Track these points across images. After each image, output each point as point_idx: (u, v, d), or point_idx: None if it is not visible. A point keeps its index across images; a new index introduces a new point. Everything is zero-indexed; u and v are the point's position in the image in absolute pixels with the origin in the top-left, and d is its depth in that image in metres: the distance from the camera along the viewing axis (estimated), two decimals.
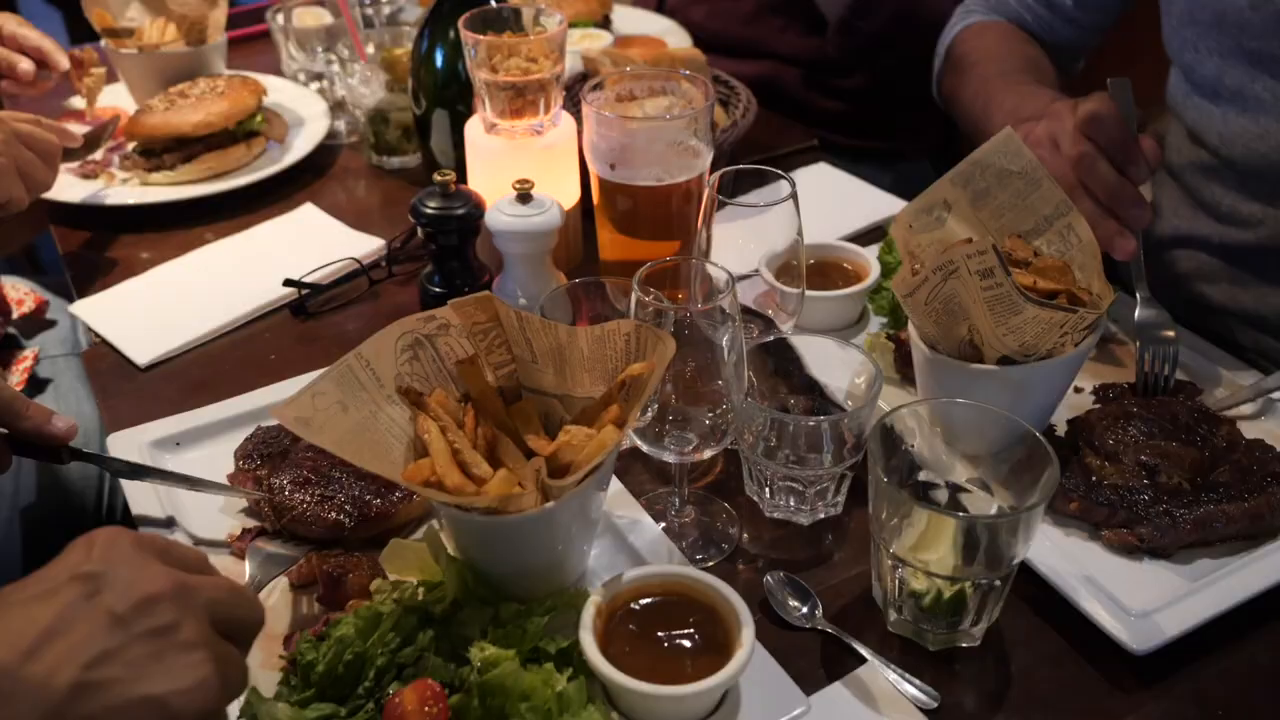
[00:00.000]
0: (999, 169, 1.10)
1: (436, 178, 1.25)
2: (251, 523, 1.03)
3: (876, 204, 1.54)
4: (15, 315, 1.56)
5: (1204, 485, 1.01)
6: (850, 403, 1.06)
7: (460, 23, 1.27)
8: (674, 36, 1.97)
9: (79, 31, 3.30)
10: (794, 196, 1.07)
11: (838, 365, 1.07)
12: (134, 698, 0.63)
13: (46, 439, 0.97)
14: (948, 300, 1.01)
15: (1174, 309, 1.20)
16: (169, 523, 1.02)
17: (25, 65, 1.50)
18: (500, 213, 1.24)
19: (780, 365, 1.09)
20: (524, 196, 1.24)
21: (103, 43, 1.68)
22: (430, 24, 1.44)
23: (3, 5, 3.85)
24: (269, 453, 1.05)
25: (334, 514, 0.99)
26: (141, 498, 1.04)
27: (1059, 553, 0.97)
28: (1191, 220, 1.42)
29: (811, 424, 1.00)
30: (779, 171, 1.09)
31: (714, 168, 1.56)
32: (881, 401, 1.13)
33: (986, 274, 0.95)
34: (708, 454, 0.97)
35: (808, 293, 1.21)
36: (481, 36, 1.26)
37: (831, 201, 1.56)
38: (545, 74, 1.28)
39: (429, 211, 1.25)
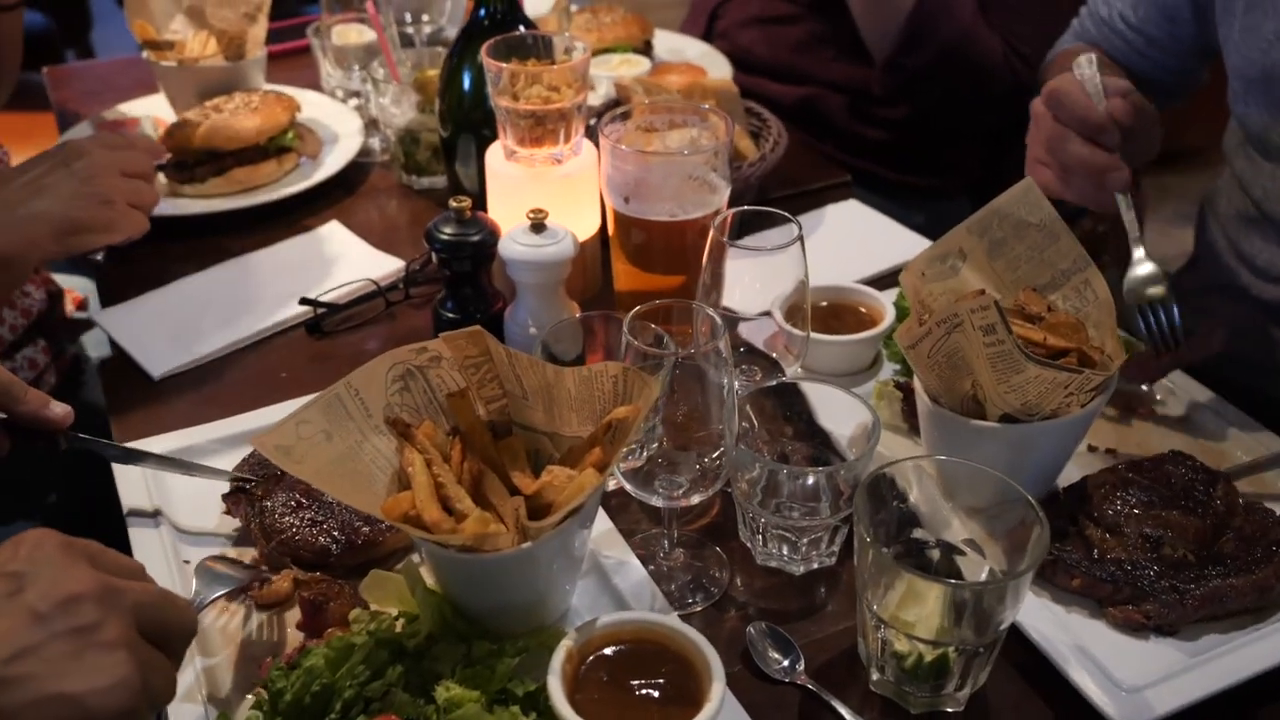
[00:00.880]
0: (1017, 219, 1.08)
1: (452, 204, 1.25)
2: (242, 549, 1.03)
3: (904, 245, 1.51)
4: (71, 312, 1.59)
5: (1209, 557, 0.97)
6: (853, 451, 1.04)
7: (484, 49, 1.27)
8: (713, 63, 1.96)
9: None
10: (800, 240, 1.05)
11: (841, 412, 1.05)
12: (50, 694, 0.64)
13: (44, 423, 0.97)
14: (951, 354, 0.99)
15: (1210, 359, 1.18)
16: (155, 514, 1.05)
17: None
18: (513, 241, 1.23)
19: (782, 410, 1.07)
20: (538, 226, 1.24)
21: (143, 54, 1.71)
22: (460, 47, 1.44)
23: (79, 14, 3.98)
24: (265, 474, 1.06)
25: (322, 539, 0.99)
26: (132, 490, 1.05)
27: (1055, 622, 0.95)
28: (1232, 270, 1.40)
29: (805, 474, 0.99)
30: (786, 214, 1.07)
31: (740, 201, 1.56)
32: (884, 449, 1.11)
33: (989, 330, 0.93)
34: (696, 500, 0.96)
35: (820, 336, 1.20)
36: (504, 64, 1.26)
37: (858, 241, 1.54)
38: (566, 103, 1.28)
39: (444, 237, 1.25)
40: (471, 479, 0.90)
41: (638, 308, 0.94)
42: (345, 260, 1.47)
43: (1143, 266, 1.16)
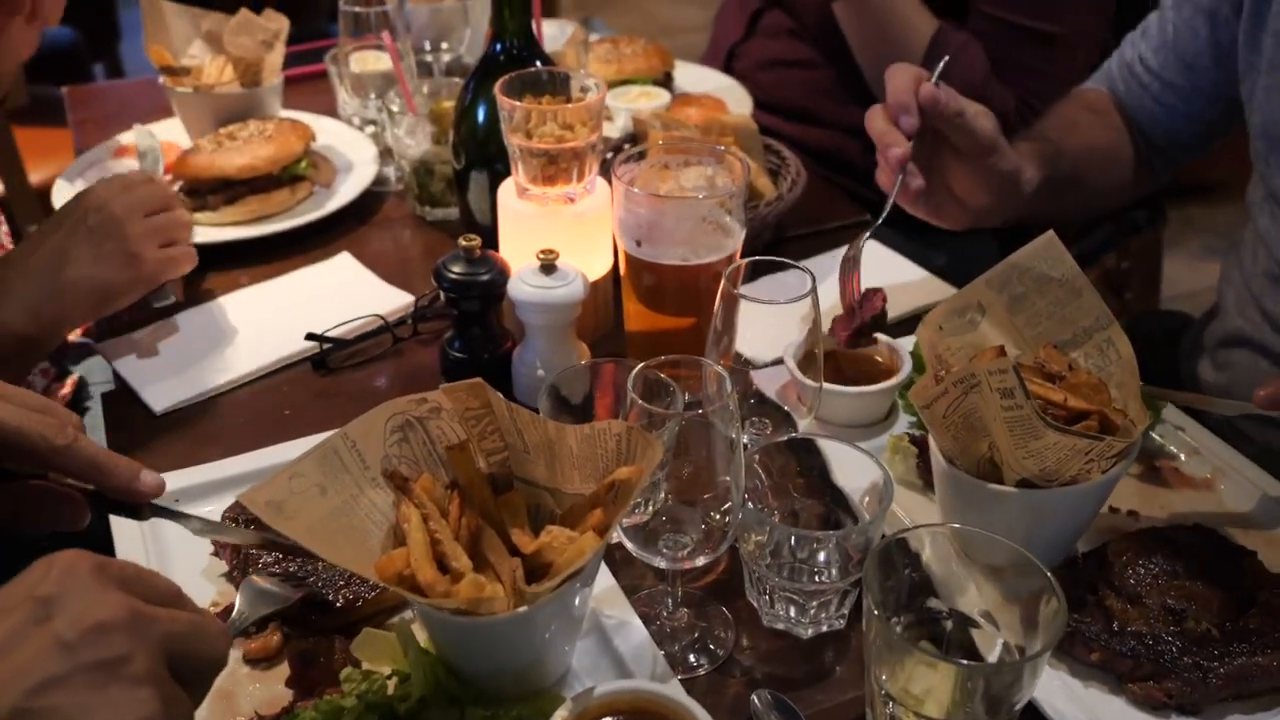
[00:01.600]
0: (1038, 274, 1.05)
1: (462, 243, 1.23)
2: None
3: (923, 289, 1.48)
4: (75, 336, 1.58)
5: (1234, 632, 0.93)
6: (866, 509, 1.00)
7: (497, 86, 1.25)
8: (735, 96, 1.93)
9: None
10: (814, 292, 1.02)
11: (854, 469, 1.02)
12: None
13: (135, 496, 0.91)
14: (968, 415, 0.95)
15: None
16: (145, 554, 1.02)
17: None
18: (523, 282, 1.21)
19: (793, 466, 1.04)
20: (548, 267, 1.21)
21: (161, 80, 1.70)
22: (475, 81, 1.42)
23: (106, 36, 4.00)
24: (254, 517, 1.03)
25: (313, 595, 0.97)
26: (129, 546, 1.03)
27: (1072, 698, 0.91)
28: (1255, 324, 1.37)
29: (814, 537, 0.96)
30: (799, 265, 1.04)
31: (757, 239, 1.53)
32: (898, 507, 1.08)
33: (1007, 393, 0.90)
34: (701, 562, 0.93)
35: (833, 387, 1.16)
36: (517, 102, 1.24)
37: (875, 283, 1.50)
38: (580, 142, 1.26)
39: (452, 276, 1.23)
40: (469, 535, 0.88)
41: (642, 364, 0.91)
42: (354, 294, 1.45)
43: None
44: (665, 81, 1.97)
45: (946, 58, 1.24)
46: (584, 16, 5.21)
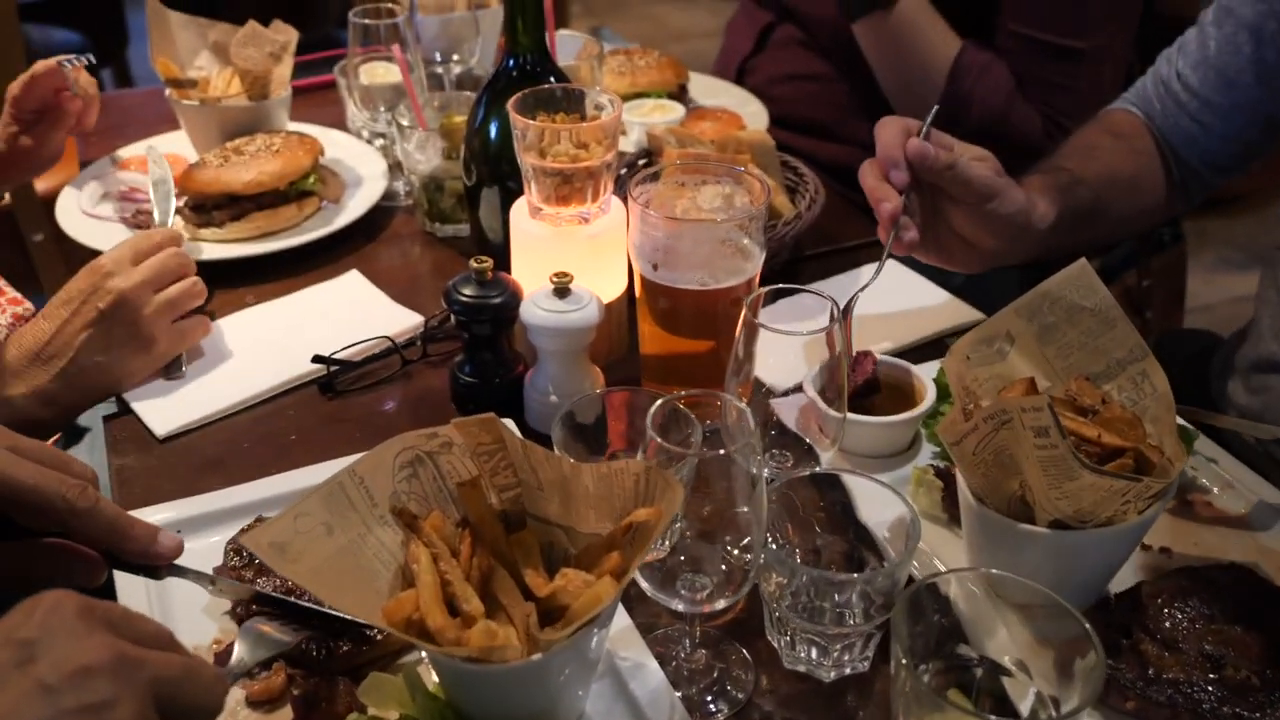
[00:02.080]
0: (1070, 303, 1.01)
1: (473, 264, 1.20)
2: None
3: (943, 311, 1.45)
4: None
5: (1275, 680, 0.90)
6: (891, 545, 0.97)
7: (510, 104, 1.22)
8: (751, 110, 1.90)
9: None
10: (837, 323, 0.99)
11: (878, 505, 0.98)
12: None
13: (152, 559, 0.88)
14: (999, 451, 0.92)
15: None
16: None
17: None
18: (536, 306, 1.18)
19: (816, 501, 1.01)
20: (561, 290, 1.18)
21: (167, 93, 1.67)
22: (488, 95, 1.39)
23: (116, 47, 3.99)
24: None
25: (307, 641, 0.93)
26: (130, 589, 0.99)
27: None
28: None
29: (837, 580, 0.92)
30: (823, 294, 1.01)
31: (774, 259, 1.50)
32: (922, 544, 1.05)
33: (1041, 432, 0.86)
34: (722, 604, 0.90)
35: (856, 417, 1.13)
36: (531, 121, 1.20)
37: (893, 304, 1.47)
38: (595, 161, 1.22)
39: (463, 299, 1.20)
40: (481, 575, 0.84)
41: (661, 400, 0.88)
42: (363, 313, 1.42)
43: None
44: (679, 95, 1.94)
45: (936, 108, 1.21)
46: (593, 25, 5.20)
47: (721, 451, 0.84)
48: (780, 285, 1.04)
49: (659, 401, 0.87)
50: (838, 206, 1.69)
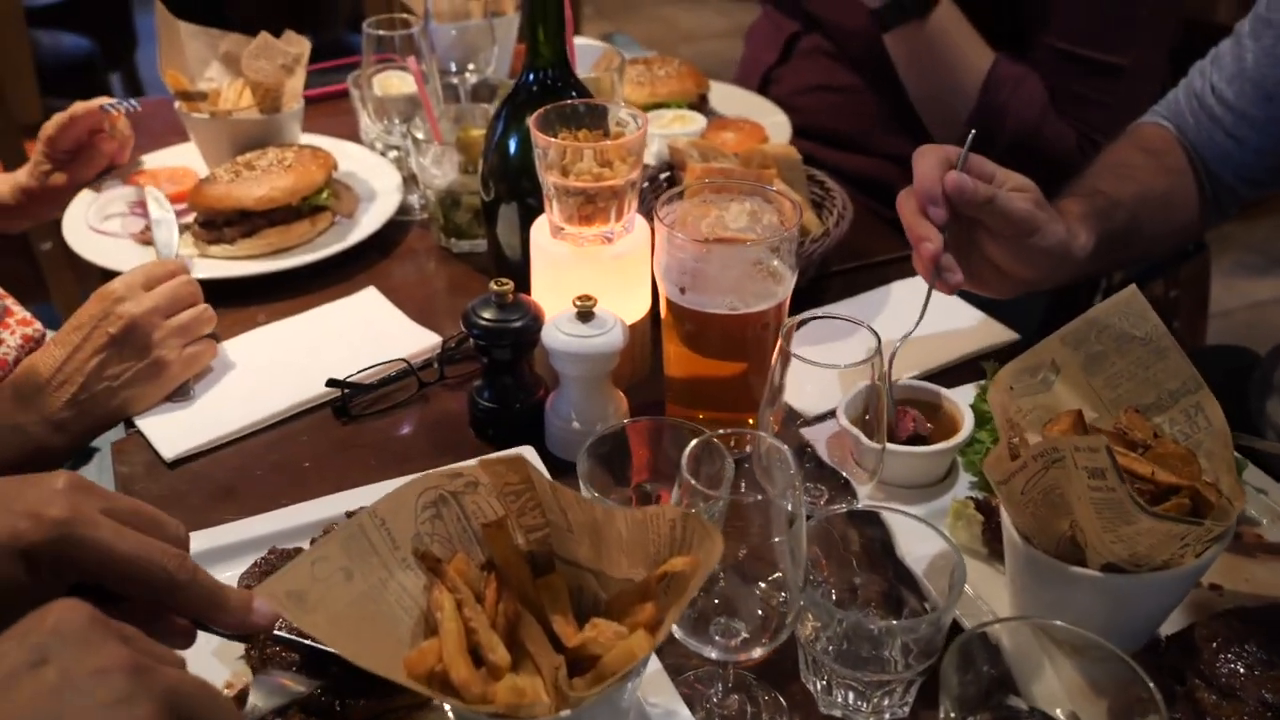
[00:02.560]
0: (1119, 332, 0.97)
1: (494, 287, 1.16)
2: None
3: (976, 333, 1.40)
4: None
5: None
6: (932, 585, 0.93)
7: (531, 121, 1.18)
8: (774, 121, 1.86)
9: None
10: (879, 354, 0.95)
11: (916, 540, 0.94)
12: None
13: (247, 630, 0.84)
14: (1048, 490, 0.87)
15: None
16: None
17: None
18: (558, 330, 1.14)
19: (853, 536, 0.97)
20: (585, 314, 1.14)
21: (177, 106, 1.63)
22: (507, 110, 1.35)
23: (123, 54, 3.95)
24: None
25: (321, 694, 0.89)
26: None
27: None
28: None
29: (878, 629, 0.88)
30: (862, 322, 0.97)
31: (801, 276, 1.46)
32: (967, 587, 1.00)
33: (1096, 474, 0.82)
34: (758, 654, 0.86)
35: (890, 446, 1.09)
36: (553, 139, 1.16)
37: (925, 325, 1.43)
38: (620, 180, 1.18)
39: (483, 323, 1.16)
40: (507, 622, 0.80)
41: (696, 441, 0.83)
42: (379, 332, 1.38)
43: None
44: (700, 105, 1.90)
45: (973, 133, 1.14)
46: (606, 30, 5.16)
47: (759, 497, 0.80)
48: (818, 313, 0.99)
49: (693, 442, 0.83)
50: (865, 221, 1.64)
